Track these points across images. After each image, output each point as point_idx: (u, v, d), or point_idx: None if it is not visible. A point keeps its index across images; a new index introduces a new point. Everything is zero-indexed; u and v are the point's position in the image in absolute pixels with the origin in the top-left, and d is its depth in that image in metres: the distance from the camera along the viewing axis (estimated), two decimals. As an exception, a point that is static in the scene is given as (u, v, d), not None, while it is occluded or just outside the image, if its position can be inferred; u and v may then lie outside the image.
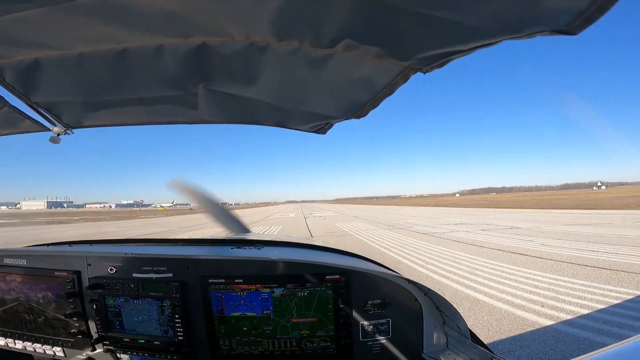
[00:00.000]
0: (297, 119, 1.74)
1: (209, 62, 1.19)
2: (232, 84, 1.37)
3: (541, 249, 9.97)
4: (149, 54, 1.13)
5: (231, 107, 1.60)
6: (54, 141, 1.75)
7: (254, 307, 1.44)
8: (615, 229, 13.88)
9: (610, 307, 4.87)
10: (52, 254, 1.61)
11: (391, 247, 11.70)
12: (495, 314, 4.78)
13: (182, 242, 1.84)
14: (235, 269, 1.47)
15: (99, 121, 1.73)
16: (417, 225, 20.24)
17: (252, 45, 1.07)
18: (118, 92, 1.43)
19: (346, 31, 0.94)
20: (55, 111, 1.59)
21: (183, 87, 1.40)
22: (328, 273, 1.43)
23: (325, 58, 1.10)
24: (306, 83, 1.33)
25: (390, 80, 1.21)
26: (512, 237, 13.02)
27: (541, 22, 0.78)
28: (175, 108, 1.61)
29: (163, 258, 1.50)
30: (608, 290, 5.65)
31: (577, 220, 18.69)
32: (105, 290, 1.49)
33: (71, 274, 1.52)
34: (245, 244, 1.74)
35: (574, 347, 3.66)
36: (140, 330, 1.49)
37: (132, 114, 1.67)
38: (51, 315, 1.55)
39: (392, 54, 1.04)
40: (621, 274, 6.68)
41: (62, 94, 1.43)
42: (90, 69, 1.22)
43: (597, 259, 8.19)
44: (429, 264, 8.48)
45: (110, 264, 1.51)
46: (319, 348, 1.45)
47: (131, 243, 1.86)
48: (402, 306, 1.47)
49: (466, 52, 0.94)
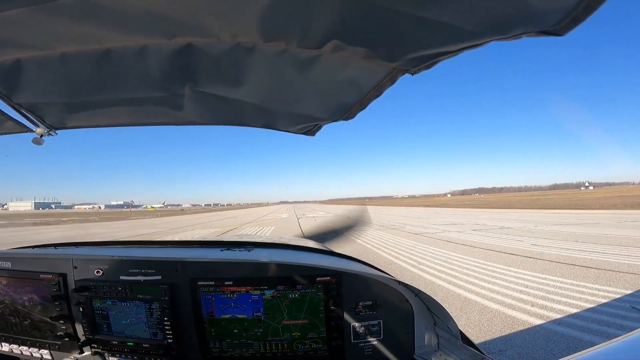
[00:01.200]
0: (285, 121, 1.73)
1: (194, 63, 1.17)
2: (219, 85, 1.35)
3: (531, 248, 10.11)
4: (133, 54, 1.11)
5: (218, 108, 1.58)
6: (37, 142, 1.71)
7: (244, 309, 1.42)
8: (602, 229, 14.15)
9: (598, 306, 4.95)
10: (38, 256, 1.59)
11: (383, 247, 11.73)
12: (486, 314, 4.83)
13: (171, 244, 1.81)
14: (225, 271, 1.46)
15: (82, 122, 1.70)
16: (409, 225, 20.37)
17: (238, 46, 1.05)
18: (101, 93, 1.40)
19: (333, 32, 0.93)
20: (38, 112, 1.56)
21: (168, 89, 1.37)
22: (319, 275, 1.42)
23: (313, 59, 1.10)
24: (294, 85, 1.32)
25: (378, 82, 1.21)
26: (502, 237, 13.18)
27: (528, 23, 0.78)
28: (161, 109, 1.59)
29: (151, 260, 1.48)
30: (596, 289, 5.75)
31: (566, 220, 19.02)
32: (92, 293, 1.47)
33: (57, 277, 1.50)
34: (235, 245, 1.73)
35: (563, 346, 3.71)
36: (128, 332, 1.48)
37: (117, 115, 1.64)
38: (37, 318, 1.53)
39: (380, 55, 1.04)
40: (608, 273, 6.81)
41: (44, 95, 1.40)
42: (73, 69, 1.19)
43: (585, 258, 8.33)
44: (422, 264, 8.52)
45: (97, 266, 1.49)
46: (311, 350, 1.45)
47: (118, 245, 1.83)
48: (393, 307, 1.47)
49: (454, 53, 0.94)
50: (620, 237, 11.68)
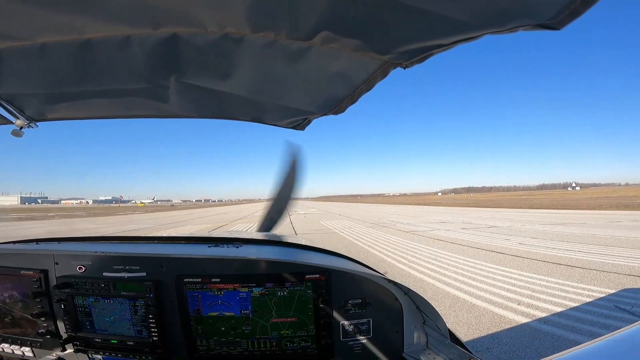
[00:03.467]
0: (273, 114, 1.69)
1: (180, 54, 1.13)
2: (206, 77, 1.31)
3: (518, 247, 10.28)
4: (116, 45, 1.06)
5: (205, 101, 1.54)
6: (17, 134, 1.66)
7: (231, 307, 1.40)
8: (588, 229, 14.47)
9: (583, 305, 5.05)
10: (18, 252, 1.55)
11: (374, 245, 11.81)
12: (474, 312, 4.89)
13: (157, 240, 1.77)
14: (213, 268, 1.43)
15: (64, 114, 1.64)
16: (400, 223, 20.52)
17: (226, 37, 1.02)
18: (83, 84, 1.35)
19: (324, 23, 0.90)
20: (17, 104, 1.51)
21: (153, 80, 1.33)
22: (308, 272, 1.41)
23: (302, 51, 1.06)
24: (283, 77, 1.29)
25: (369, 75, 1.18)
26: (491, 235, 13.38)
27: (524, 16, 0.76)
28: (145, 101, 1.54)
29: (136, 256, 1.45)
30: (580, 288, 5.87)
31: (553, 220, 19.39)
32: (73, 290, 1.44)
33: (38, 273, 1.46)
34: (223, 242, 1.70)
35: (548, 345, 3.77)
36: (112, 330, 1.45)
37: (99, 107, 1.59)
38: (18, 315, 1.50)
39: (371, 48, 1.01)
40: (592, 272, 6.96)
41: (23, 86, 1.35)
42: (53, 60, 1.15)
43: (570, 257, 8.50)
44: (412, 262, 8.59)
45: (80, 262, 1.46)
46: (300, 348, 1.43)
47: (102, 241, 1.79)
48: (383, 306, 1.46)
49: (447, 47, 0.92)
50: (603, 237, 11.95)
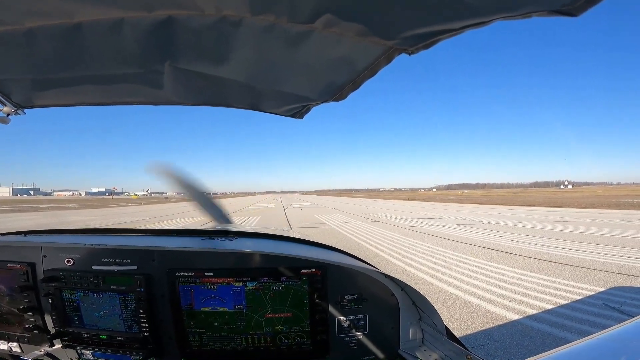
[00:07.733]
0: (272, 101, 1.64)
1: (175, 38, 1.08)
2: (202, 62, 1.26)
3: (510, 244, 10.39)
4: (107, 29, 1.01)
5: (200, 87, 1.49)
6: (3, 121, 1.59)
7: (225, 302, 1.38)
8: (579, 227, 14.64)
9: (572, 302, 5.12)
10: (5, 244, 1.51)
11: (369, 239, 11.87)
12: (467, 308, 4.93)
13: (148, 233, 1.73)
14: (206, 262, 1.40)
15: (53, 101, 1.58)
16: (394, 218, 20.61)
17: (223, 20, 0.97)
18: (73, 70, 1.29)
19: (326, 5, 0.86)
20: (4, 89, 1.44)
21: (147, 65, 1.28)
22: (304, 267, 1.39)
23: (303, 35, 1.02)
24: (282, 62, 1.24)
25: (372, 61, 1.14)
26: (483, 232, 13.50)
27: (540, 0, 0.72)
28: (138, 87, 1.48)
29: (126, 249, 1.41)
30: (570, 286, 5.94)
31: (545, 218, 19.59)
32: (61, 284, 1.40)
33: (25, 266, 1.43)
34: (217, 234, 1.67)
35: (538, 342, 3.82)
36: (101, 325, 1.42)
37: (90, 94, 1.53)
38: (5, 310, 1.47)
39: (376, 32, 0.97)
40: (583, 270, 7.05)
41: (9, 72, 1.29)
42: (41, 45, 1.08)
43: (561, 255, 8.61)
44: (406, 257, 8.65)
45: (68, 255, 1.42)
46: (295, 344, 1.42)
47: (92, 233, 1.74)
48: (379, 301, 1.45)
49: (456, 32, 0.88)
50: (594, 235, 12.11)
